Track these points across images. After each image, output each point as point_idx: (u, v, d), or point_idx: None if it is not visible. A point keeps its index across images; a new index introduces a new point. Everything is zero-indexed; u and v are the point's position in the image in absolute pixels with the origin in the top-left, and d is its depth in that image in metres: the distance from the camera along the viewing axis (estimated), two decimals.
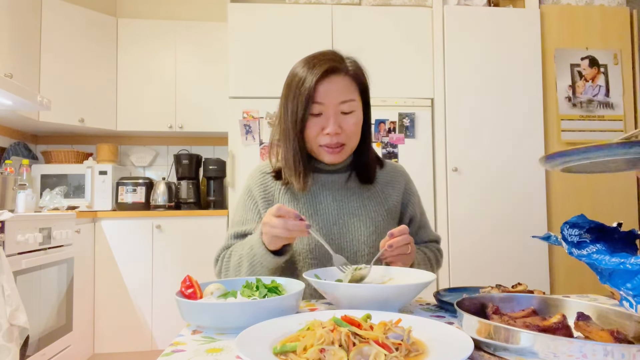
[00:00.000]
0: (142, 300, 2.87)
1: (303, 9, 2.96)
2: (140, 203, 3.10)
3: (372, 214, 1.11)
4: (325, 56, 1.05)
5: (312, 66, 1.03)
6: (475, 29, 2.98)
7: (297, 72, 1.04)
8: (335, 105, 1.03)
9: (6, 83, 2.18)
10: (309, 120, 1.03)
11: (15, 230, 1.99)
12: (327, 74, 1.02)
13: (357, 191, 1.14)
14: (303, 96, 1.01)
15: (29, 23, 2.81)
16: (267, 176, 1.15)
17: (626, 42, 3.06)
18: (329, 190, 1.12)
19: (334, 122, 1.03)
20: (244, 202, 1.16)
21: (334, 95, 1.02)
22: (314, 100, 1.01)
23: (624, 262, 0.72)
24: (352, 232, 1.08)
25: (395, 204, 1.16)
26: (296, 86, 1.03)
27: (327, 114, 1.03)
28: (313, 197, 1.11)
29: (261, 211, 1.12)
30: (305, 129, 1.04)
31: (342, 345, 0.51)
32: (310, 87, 1.00)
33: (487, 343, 0.55)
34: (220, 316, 0.68)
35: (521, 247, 2.86)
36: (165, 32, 3.30)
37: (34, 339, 2.11)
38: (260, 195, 1.13)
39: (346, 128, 1.04)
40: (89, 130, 3.28)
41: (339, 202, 1.11)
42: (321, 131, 1.04)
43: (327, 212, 1.09)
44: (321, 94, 1.02)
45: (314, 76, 1.01)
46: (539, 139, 2.95)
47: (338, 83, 1.03)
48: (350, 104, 1.04)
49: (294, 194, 1.11)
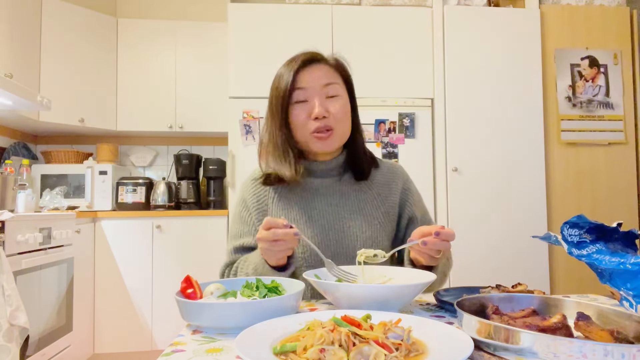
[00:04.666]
0: (142, 300, 2.87)
1: (303, 9, 2.96)
2: (140, 203, 3.10)
3: (368, 217, 1.08)
4: (305, 51, 1.08)
5: (291, 61, 1.06)
6: (475, 29, 2.98)
7: (279, 72, 1.07)
8: (319, 88, 1.03)
9: (6, 83, 2.18)
10: (295, 108, 1.04)
11: (16, 230, 1.99)
12: (306, 64, 1.04)
13: (352, 194, 1.11)
14: (284, 86, 1.03)
15: (29, 23, 2.81)
16: (259, 184, 1.13)
17: (626, 42, 3.06)
18: (323, 195, 1.09)
19: (320, 104, 1.02)
20: (240, 214, 1.13)
21: (316, 79, 1.03)
22: (296, 87, 1.02)
23: (624, 262, 0.73)
24: (348, 236, 1.06)
25: (393, 205, 1.13)
26: (278, 82, 1.05)
27: (311, 100, 1.03)
28: (307, 203, 1.08)
29: (256, 223, 1.10)
30: (291, 118, 1.04)
31: (342, 345, 0.51)
32: (289, 77, 1.02)
33: (487, 343, 0.55)
34: (220, 316, 0.68)
35: (521, 247, 2.86)
36: (165, 32, 3.30)
37: (34, 339, 2.11)
38: (254, 206, 1.11)
39: (333, 111, 1.03)
40: (89, 130, 3.27)
41: (334, 206, 1.08)
42: (308, 118, 1.03)
43: (322, 218, 1.07)
44: (303, 79, 1.03)
45: (292, 67, 1.03)
46: (539, 139, 2.95)
47: (320, 69, 1.05)
48: (334, 87, 1.05)
49: (288, 201, 1.09)
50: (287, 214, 1.08)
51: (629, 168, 3.01)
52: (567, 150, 2.98)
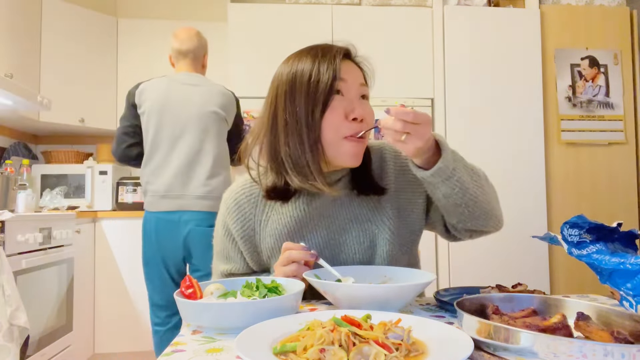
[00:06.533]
0: (142, 300, 2.86)
1: (303, 9, 2.96)
2: (140, 203, 3.09)
3: (365, 224, 0.95)
4: (328, 44, 0.94)
5: (323, 51, 0.90)
6: (475, 29, 2.98)
7: (300, 67, 0.89)
8: (357, 86, 0.90)
9: (6, 83, 2.18)
10: (332, 100, 0.86)
11: (16, 230, 1.99)
12: (345, 56, 0.91)
13: (345, 201, 0.95)
14: (326, 75, 0.85)
15: (29, 23, 2.81)
16: (244, 205, 0.96)
17: (626, 42, 3.06)
18: (316, 209, 0.94)
19: (359, 104, 0.87)
20: (223, 236, 0.99)
21: (355, 74, 0.90)
22: (339, 76, 0.86)
23: (624, 262, 0.73)
24: (345, 252, 0.94)
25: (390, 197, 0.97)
26: (309, 76, 0.87)
27: (349, 95, 0.88)
28: (297, 222, 0.94)
29: (242, 251, 0.97)
30: (326, 114, 0.86)
31: (342, 345, 0.51)
32: (336, 65, 0.86)
33: (487, 343, 0.55)
34: (220, 316, 0.68)
35: (521, 247, 2.85)
36: (165, 32, 3.29)
37: (34, 339, 2.11)
38: (239, 233, 0.96)
39: (367, 116, 0.89)
40: (89, 130, 3.27)
41: (327, 218, 0.94)
42: (345, 118, 0.87)
43: (316, 235, 0.94)
44: (344, 70, 0.88)
45: (335, 54, 0.88)
46: (539, 139, 2.95)
47: (355, 67, 0.93)
48: (367, 89, 0.92)
49: (276, 225, 0.94)
50: (274, 240, 0.95)
51: (629, 168, 3.01)
52: (567, 150, 2.98)
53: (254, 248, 0.97)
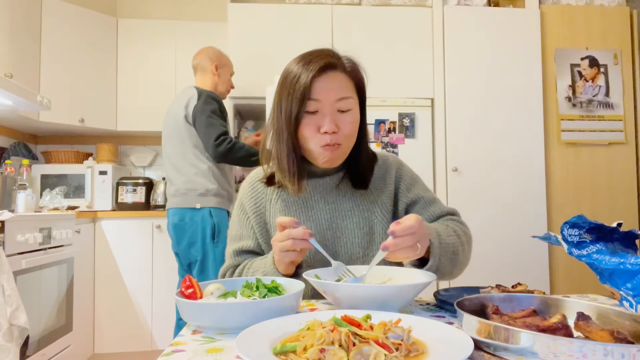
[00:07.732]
0: (142, 300, 2.87)
1: (303, 9, 2.96)
2: (140, 203, 3.10)
3: (365, 213, 1.08)
4: (322, 52, 1.01)
5: (307, 62, 0.98)
6: (475, 29, 2.98)
7: (292, 68, 1.00)
8: (332, 102, 0.98)
9: (6, 83, 2.18)
10: (304, 118, 0.98)
11: (15, 230, 1.99)
12: (323, 69, 0.98)
13: (349, 191, 1.10)
14: (298, 92, 0.96)
15: (29, 23, 2.81)
16: (258, 186, 1.12)
17: (626, 42, 3.06)
18: (321, 193, 1.09)
19: (331, 120, 0.98)
20: (238, 217, 1.13)
21: (330, 92, 0.98)
22: (310, 97, 0.97)
23: (624, 262, 0.73)
24: (345, 235, 1.06)
25: (389, 195, 1.11)
26: (290, 83, 0.98)
27: (323, 112, 0.98)
28: (304, 203, 1.08)
29: (254, 226, 1.09)
30: (300, 127, 0.99)
31: (342, 345, 0.51)
32: (306, 83, 0.96)
33: (487, 343, 0.55)
34: (220, 316, 0.68)
35: (521, 247, 2.86)
36: (165, 32, 3.30)
37: (34, 339, 2.11)
38: (252, 209, 1.10)
39: (343, 127, 0.99)
40: (89, 130, 3.28)
41: (331, 204, 1.08)
42: (317, 131, 0.99)
43: (320, 217, 1.07)
44: (317, 90, 0.97)
45: (309, 72, 0.96)
46: (539, 139, 2.95)
47: (335, 79, 0.99)
48: (347, 102, 1.00)
49: (286, 203, 1.08)
50: (285, 215, 1.07)
51: (629, 168, 3.01)
52: (567, 150, 2.98)
53: (264, 224, 1.09)
